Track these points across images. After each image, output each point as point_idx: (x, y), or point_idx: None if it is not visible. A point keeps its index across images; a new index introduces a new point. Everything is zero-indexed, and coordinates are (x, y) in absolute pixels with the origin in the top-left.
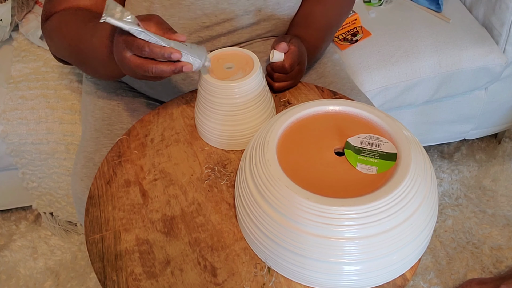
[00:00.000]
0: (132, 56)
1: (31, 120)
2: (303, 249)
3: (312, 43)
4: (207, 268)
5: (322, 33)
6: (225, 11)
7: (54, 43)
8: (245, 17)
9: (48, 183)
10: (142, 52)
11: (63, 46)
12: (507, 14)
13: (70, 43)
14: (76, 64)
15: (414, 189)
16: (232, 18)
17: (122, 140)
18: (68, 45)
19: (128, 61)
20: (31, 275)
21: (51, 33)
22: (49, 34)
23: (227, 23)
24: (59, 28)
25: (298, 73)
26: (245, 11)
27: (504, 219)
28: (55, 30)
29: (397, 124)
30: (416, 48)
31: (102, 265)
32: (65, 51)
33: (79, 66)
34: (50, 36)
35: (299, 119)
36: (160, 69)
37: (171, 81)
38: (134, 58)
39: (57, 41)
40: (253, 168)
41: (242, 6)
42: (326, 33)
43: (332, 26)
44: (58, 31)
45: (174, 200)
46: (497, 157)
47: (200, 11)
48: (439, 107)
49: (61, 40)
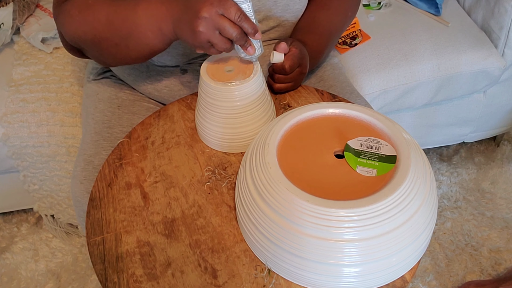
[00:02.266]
0: (218, 15)
1: (32, 123)
2: (303, 251)
3: (315, 48)
4: (207, 270)
5: (325, 38)
6: None
7: (76, 24)
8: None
9: (49, 186)
10: (233, 15)
11: (92, 24)
12: (506, 17)
13: (104, 20)
14: (103, 46)
15: (414, 192)
16: None
17: (123, 143)
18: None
19: (211, 15)
20: (33, 277)
21: (73, 12)
22: (70, 14)
23: None
24: (88, 5)
25: (298, 76)
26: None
27: (502, 221)
28: (81, 8)
29: (396, 127)
30: (415, 51)
31: (103, 267)
32: (94, 29)
33: (109, 47)
34: (71, 17)
35: (299, 122)
36: (237, 36)
37: (176, 83)
38: (219, 16)
39: (83, 20)
40: (253, 171)
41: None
42: (329, 38)
43: (335, 32)
44: (86, 9)
45: (175, 202)
46: (495, 160)
47: None
48: (438, 110)
49: (91, 17)
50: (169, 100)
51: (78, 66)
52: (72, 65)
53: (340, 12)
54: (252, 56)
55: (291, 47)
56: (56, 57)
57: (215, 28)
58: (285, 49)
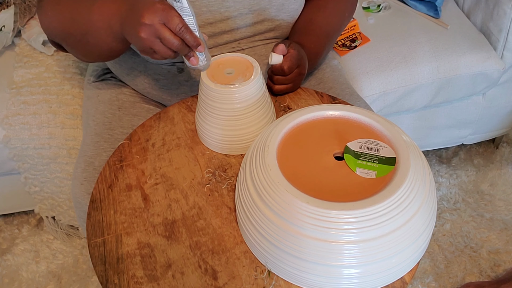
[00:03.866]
0: (160, 24)
1: (33, 125)
2: (303, 253)
3: (313, 49)
4: (208, 272)
5: (323, 39)
6: (229, 8)
7: (48, 20)
8: (249, 16)
9: (50, 188)
10: (175, 26)
11: (59, 20)
12: (505, 20)
13: (68, 17)
14: (69, 41)
15: (413, 193)
16: (236, 16)
17: (124, 145)
18: (64, 20)
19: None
20: (34, 279)
21: (46, 9)
22: (44, 10)
23: (231, 21)
24: (58, 2)
25: (297, 77)
26: (250, 9)
27: (501, 223)
28: (53, 5)
29: (396, 129)
30: (414, 54)
31: (104, 269)
32: (61, 25)
33: (73, 43)
34: (45, 13)
35: (299, 124)
36: (178, 47)
37: (174, 82)
38: (161, 26)
39: (53, 16)
40: (253, 172)
41: (247, 5)
42: (327, 39)
43: (333, 33)
44: (56, 5)
45: (175, 204)
46: (495, 162)
47: (205, 8)
48: (438, 112)
49: (59, 13)
50: (168, 99)
51: (79, 68)
52: (73, 67)
53: (337, 13)
54: (196, 66)
55: (289, 49)
56: (57, 60)
57: (156, 36)
58: (284, 51)
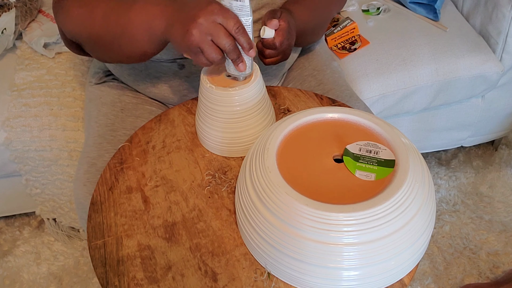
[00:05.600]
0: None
1: (34, 127)
2: (302, 255)
3: (301, 19)
4: (207, 273)
5: (311, 11)
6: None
7: (74, 21)
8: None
9: (51, 190)
10: (232, 25)
11: (89, 21)
12: (504, 23)
13: (100, 17)
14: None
15: (412, 196)
16: None
17: (124, 147)
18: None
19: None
20: (35, 280)
21: (72, 9)
22: (69, 10)
23: None
24: (86, 2)
25: (287, 48)
26: None
27: (500, 225)
28: (80, 5)
29: (395, 131)
30: (413, 56)
31: (105, 270)
32: (90, 26)
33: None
34: (70, 13)
35: (298, 126)
36: (229, 48)
37: (175, 79)
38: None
39: (81, 17)
40: (253, 175)
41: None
42: (316, 12)
43: (322, 8)
44: (84, 6)
45: (175, 206)
46: (493, 164)
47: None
48: (437, 115)
49: (89, 14)
50: (170, 96)
51: (80, 71)
52: (74, 70)
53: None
54: (240, 74)
55: (280, 21)
56: (58, 62)
57: (209, 34)
58: (277, 25)
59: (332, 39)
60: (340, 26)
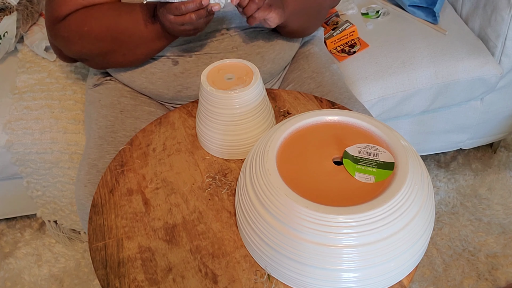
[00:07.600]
0: (174, 17)
1: (35, 130)
2: (302, 257)
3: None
4: (208, 275)
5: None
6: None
7: (78, 47)
8: None
9: (52, 192)
10: (180, 11)
11: (89, 39)
12: (503, 26)
13: (102, 32)
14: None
15: (411, 198)
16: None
17: (125, 150)
18: (98, 36)
19: (172, 21)
20: (36, 282)
21: (70, 31)
22: (68, 32)
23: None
24: (84, 23)
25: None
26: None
27: (499, 227)
28: (77, 27)
29: (394, 133)
30: (413, 59)
31: (105, 272)
32: (91, 44)
33: (107, 54)
34: (68, 34)
35: (298, 129)
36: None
37: (170, 75)
38: (175, 18)
39: (80, 37)
40: (253, 177)
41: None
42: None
43: None
44: (82, 26)
45: (176, 208)
46: (492, 166)
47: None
48: (436, 117)
49: (88, 33)
50: (164, 92)
51: (81, 74)
52: (75, 73)
53: None
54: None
55: None
56: (59, 65)
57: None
58: None
59: (331, 42)
60: (339, 29)
